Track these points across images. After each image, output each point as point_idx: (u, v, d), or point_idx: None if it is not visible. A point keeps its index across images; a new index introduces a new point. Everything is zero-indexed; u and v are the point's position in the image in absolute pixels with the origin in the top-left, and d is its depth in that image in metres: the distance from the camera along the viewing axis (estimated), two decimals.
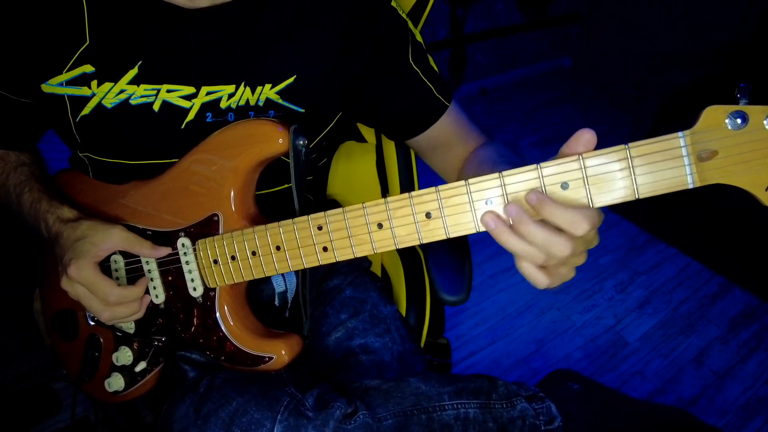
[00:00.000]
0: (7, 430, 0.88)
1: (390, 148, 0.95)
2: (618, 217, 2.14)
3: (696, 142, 0.41)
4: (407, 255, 0.95)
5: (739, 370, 1.53)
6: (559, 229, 0.44)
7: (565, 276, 0.48)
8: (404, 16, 0.70)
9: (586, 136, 0.44)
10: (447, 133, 0.75)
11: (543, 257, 0.45)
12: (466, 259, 0.84)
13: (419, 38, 0.72)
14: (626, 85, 3.12)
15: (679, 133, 0.42)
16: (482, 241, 2.07)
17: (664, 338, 1.64)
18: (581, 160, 0.44)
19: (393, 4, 0.68)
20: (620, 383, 1.50)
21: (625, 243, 2.01)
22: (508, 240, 0.45)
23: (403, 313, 0.88)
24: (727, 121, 0.41)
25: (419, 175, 0.96)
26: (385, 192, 0.98)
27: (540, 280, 0.47)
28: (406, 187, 0.94)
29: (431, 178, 0.75)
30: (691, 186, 0.42)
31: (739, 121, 0.40)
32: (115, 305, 0.62)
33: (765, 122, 0.40)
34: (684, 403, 1.45)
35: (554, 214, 0.43)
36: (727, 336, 1.63)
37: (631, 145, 0.43)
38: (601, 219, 0.45)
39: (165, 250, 0.64)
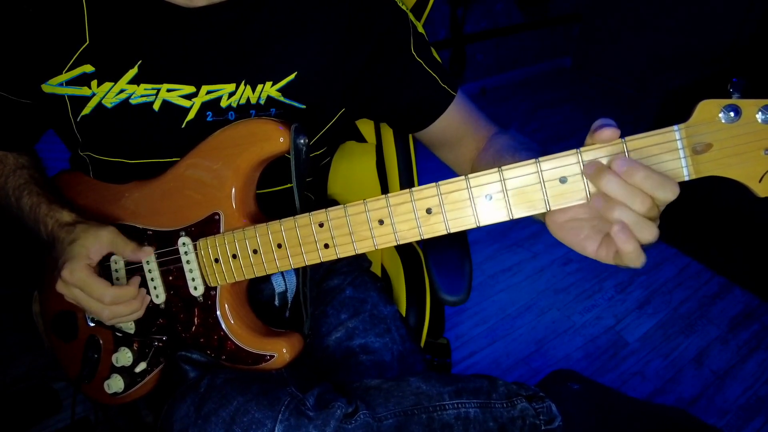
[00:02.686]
0: (7, 430, 0.88)
1: (390, 149, 0.95)
2: None
3: (691, 135, 0.42)
4: (407, 255, 0.95)
5: (739, 370, 1.53)
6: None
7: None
8: (404, 7, 0.70)
9: (606, 133, 0.43)
10: (456, 125, 0.74)
11: (653, 227, 0.43)
12: (466, 259, 0.84)
13: (421, 29, 0.72)
14: (626, 85, 3.12)
15: (674, 127, 0.42)
16: (482, 240, 2.07)
17: (664, 338, 1.64)
18: (579, 155, 0.44)
19: None
20: (620, 383, 1.50)
21: None
22: (621, 212, 0.43)
23: (403, 313, 0.88)
24: (720, 114, 0.42)
25: (419, 174, 0.96)
26: (385, 192, 0.98)
27: (642, 258, 0.44)
28: (407, 186, 0.94)
29: (431, 178, 0.74)
30: (686, 178, 0.43)
31: (732, 114, 0.41)
32: (112, 305, 0.61)
33: (757, 115, 0.41)
34: (684, 403, 1.45)
35: (646, 180, 0.42)
36: (727, 336, 1.63)
37: (627, 138, 0.43)
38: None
39: (148, 251, 0.64)
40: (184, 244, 0.63)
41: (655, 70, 1.93)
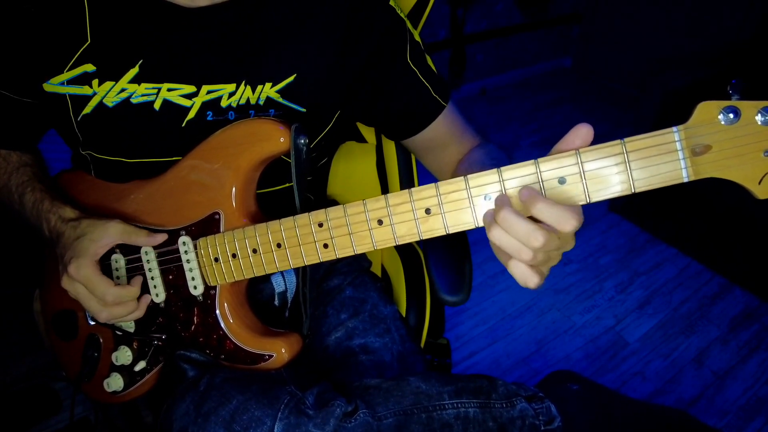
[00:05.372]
0: (7, 430, 0.88)
1: (390, 149, 0.95)
2: (618, 218, 2.14)
3: (690, 136, 0.42)
4: (407, 255, 0.95)
5: (739, 370, 1.53)
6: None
7: (544, 274, 0.48)
8: (402, 15, 0.70)
9: (583, 131, 0.44)
10: (443, 134, 0.75)
11: (529, 252, 0.44)
12: (466, 259, 0.84)
13: (417, 38, 0.72)
14: (626, 85, 3.12)
15: (674, 128, 0.42)
16: (482, 241, 2.05)
17: (664, 338, 1.64)
18: (578, 156, 0.44)
19: (391, 3, 0.68)
20: (620, 383, 1.50)
21: (625, 243, 2.01)
22: (494, 234, 0.45)
23: (403, 313, 0.88)
24: (720, 116, 0.41)
25: (419, 175, 0.96)
26: (385, 192, 0.98)
27: (531, 279, 0.46)
28: (407, 187, 0.94)
29: (431, 179, 0.75)
30: (686, 179, 0.43)
31: (731, 116, 0.41)
32: (112, 305, 0.62)
33: (757, 117, 0.41)
34: (684, 403, 1.45)
35: (543, 211, 0.43)
36: (727, 336, 1.63)
37: (626, 140, 0.43)
38: (581, 220, 0.45)
39: (161, 237, 0.64)
40: (184, 243, 0.63)
41: (655, 70, 1.93)
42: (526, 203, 0.44)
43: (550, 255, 0.46)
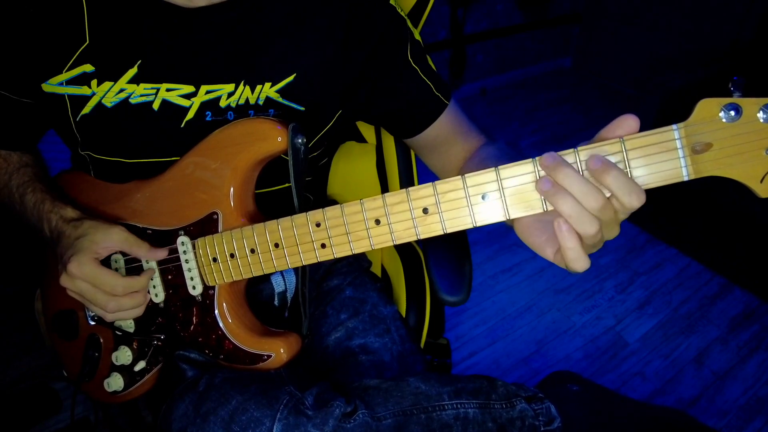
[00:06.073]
0: (7, 430, 0.88)
1: (390, 149, 0.95)
2: None
3: (690, 134, 0.42)
4: (407, 255, 0.95)
5: (739, 370, 1.53)
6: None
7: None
8: (403, 14, 0.70)
9: (629, 122, 0.43)
10: (446, 133, 0.75)
11: (595, 222, 0.43)
12: (466, 259, 0.84)
13: (418, 37, 0.72)
14: (626, 85, 3.12)
15: (674, 126, 0.42)
16: (483, 241, 2.07)
17: (664, 339, 1.63)
18: (576, 154, 0.44)
19: (391, 2, 0.68)
20: (620, 384, 1.50)
21: (625, 243, 2.01)
22: (564, 201, 0.43)
23: (403, 313, 0.88)
24: (721, 113, 0.41)
25: (419, 175, 0.96)
26: (385, 192, 0.98)
27: (583, 262, 0.46)
28: (407, 187, 0.94)
29: (431, 179, 0.75)
30: (686, 178, 0.43)
31: (732, 113, 0.41)
32: (122, 296, 0.62)
33: (759, 114, 0.40)
34: (684, 403, 1.45)
35: (618, 179, 0.42)
36: (727, 336, 1.63)
37: (626, 138, 0.43)
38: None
39: (162, 253, 0.64)
40: (182, 243, 0.63)
41: (655, 70, 1.93)
42: (597, 172, 0.42)
43: (596, 238, 0.45)
